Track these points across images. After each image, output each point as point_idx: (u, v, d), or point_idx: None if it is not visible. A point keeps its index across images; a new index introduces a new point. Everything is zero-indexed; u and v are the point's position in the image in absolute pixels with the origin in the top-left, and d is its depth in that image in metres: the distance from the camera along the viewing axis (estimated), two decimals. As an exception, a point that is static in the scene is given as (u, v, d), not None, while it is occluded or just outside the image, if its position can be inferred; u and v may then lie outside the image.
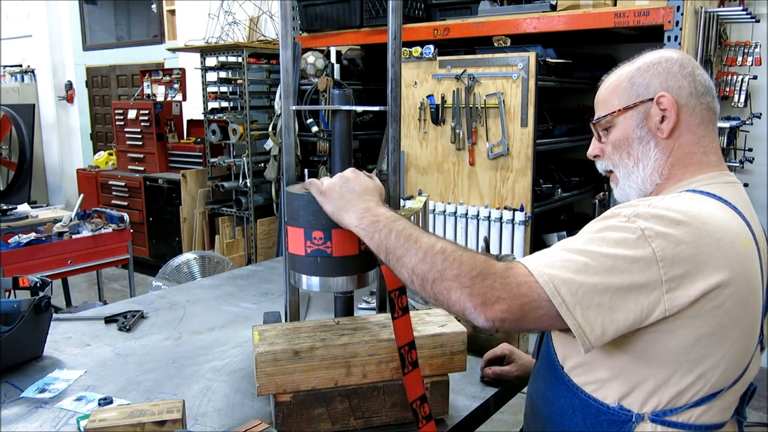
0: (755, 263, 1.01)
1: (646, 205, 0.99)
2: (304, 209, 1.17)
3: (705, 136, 1.13)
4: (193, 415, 1.21)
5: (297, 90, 4.14)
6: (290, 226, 1.21)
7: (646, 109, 1.13)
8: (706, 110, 1.13)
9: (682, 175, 1.12)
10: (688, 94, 1.11)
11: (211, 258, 3.39)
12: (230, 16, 5.45)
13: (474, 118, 3.33)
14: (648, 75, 1.14)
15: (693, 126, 1.12)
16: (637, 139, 1.14)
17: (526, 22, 3.27)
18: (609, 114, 1.17)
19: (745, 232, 1.01)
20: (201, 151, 5.51)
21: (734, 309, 0.96)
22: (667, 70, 1.13)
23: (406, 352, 1.13)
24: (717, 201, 1.04)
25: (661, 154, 1.13)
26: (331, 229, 1.16)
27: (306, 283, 1.23)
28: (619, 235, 0.95)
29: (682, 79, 1.12)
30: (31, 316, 1.42)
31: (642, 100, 1.13)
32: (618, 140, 1.17)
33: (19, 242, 3.38)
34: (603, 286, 0.92)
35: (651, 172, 1.14)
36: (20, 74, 8.11)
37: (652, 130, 1.13)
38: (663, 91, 1.11)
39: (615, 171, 1.20)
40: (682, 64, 1.13)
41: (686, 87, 1.11)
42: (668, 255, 0.93)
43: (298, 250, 1.20)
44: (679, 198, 1.03)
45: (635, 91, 1.14)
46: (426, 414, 1.14)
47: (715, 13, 3.07)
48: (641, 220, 0.96)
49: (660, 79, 1.12)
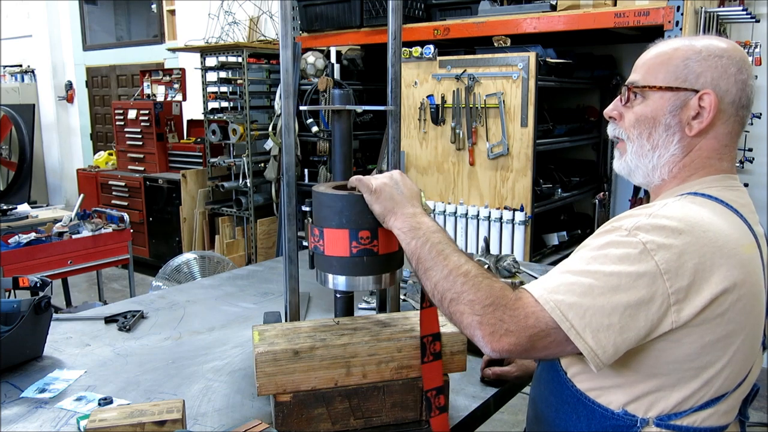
0: (758, 267, 1.00)
1: (647, 215, 0.96)
2: (349, 210, 1.17)
3: (727, 146, 1.09)
4: (193, 415, 1.21)
5: (297, 90, 4.14)
6: (329, 228, 1.19)
7: (686, 98, 1.07)
8: (738, 123, 1.09)
9: (689, 177, 1.09)
10: (731, 102, 1.06)
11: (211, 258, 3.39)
12: (230, 16, 5.45)
13: (474, 118, 3.33)
14: (705, 64, 1.06)
15: (721, 134, 1.08)
16: (664, 126, 1.09)
17: (526, 22, 3.27)
18: (648, 86, 1.10)
19: (747, 237, 1.00)
20: (201, 151, 5.51)
21: (739, 315, 0.95)
22: (725, 69, 1.06)
23: (429, 342, 1.15)
24: (718, 204, 1.02)
25: (680, 151, 1.08)
26: (378, 227, 1.17)
27: (349, 284, 1.22)
28: (621, 251, 0.93)
29: (734, 85, 1.06)
30: (31, 316, 1.42)
31: (687, 88, 1.06)
32: (644, 116, 1.10)
33: (19, 242, 3.38)
34: (611, 307, 0.91)
35: (664, 163, 1.09)
36: (20, 74, 8.11)
37: (682, 123, 1.07)
38: (711, 89, 1.05)
39: (627, 143, 1.14)
40: (741, 69, 1.07)
41: (733, 93, 1.06)
42: (672, 267, 0.91)
43: (340, 251, 1.19)
44: (679, 204, 1.00)
45: (685, 75, 1.07)
46: (440, 405, 1.14)
47: (715, 13, 3.07)
48: (642, 232, 0.94)
49: (714, 75, 1.06)
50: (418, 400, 1.19)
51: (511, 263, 1.94)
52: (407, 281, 1.90)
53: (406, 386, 1.18)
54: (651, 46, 1.15)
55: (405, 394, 1.18)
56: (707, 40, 1.09)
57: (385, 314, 1.31)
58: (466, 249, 3.42)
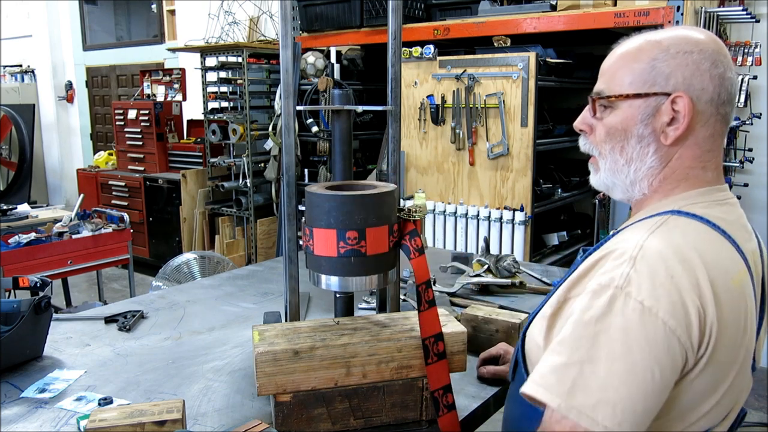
0: (748, 296, 0.92)
1: (631, 260, 0.86)
2: (337, 210, 1.16)
3: (710, 151, 0.97)
4: (193, 415, 1.21)
5: (297, 90, 4.14)
6: (318, 228, 1.19)
7: (658, 104, 0.95)
8: (720, 122, 0.96)
9: (671, 190, 0.98)
10: (709, 100, 0.94)
11: (211, 258, 3.39)
12: (230, 16, 5.45)
13: (474, 118, 3.33)
14: (674, 63, 0.94)
15: (702, 138, 0.96)
16: (637, 137, 0.97)
17: (526, 22, 3.27)
18: (614, 95, 0.99)
19: (736, 265, 0.91)
20: (201, 151, 5.51)
21: (728, 354, 0.89)
22: (697, 65, 0.94)
23: (431, 344, 1.14)
24: (703, 225, 0.92)
25: (657, 162, 0.98)
26: (365, 228, 1.16)
27: (338, 284, 1.22)
28: (622, 322, 0.83)
29: (709, 81, 0.94)
30: (31, 316, 1.42)
31: (657, 92, 0.95)
32: (614, 128, 1.00)
33: (19, 242, 3.38)
34: (639, 393, 0.82)
35: (642, 177, 0.99)
36: (20, 74, 8.11)
37: (656, 131, 0.96)
38: (683, 90, 0.93)
39: (599, 160, 1.04)
40: (715, 62, 0.94)
41: (710, 91, 0.94)
42: (680, 318, 0.83)
43: (328, 251, 1.19)
44: (663, 237, 0.89)
45: (653, 78, 0.95)
46: (448, 403, 1.14)
47: (715, 13, 3.08)
48: (635, 287, 0.84)
49: (686, 73, 0.94)
50: (418, 400, 1.19)
51: (511, 263, 1.94)
52: (407, 281, 1.90)
53: (406, 386, 1.18)
54: (614, 46, 1.04)
55: (405, 394, 1.18)
56: (675, 32, 0.98)
57: (385, 314, 1.31)
58: (466, 249, 3.43)
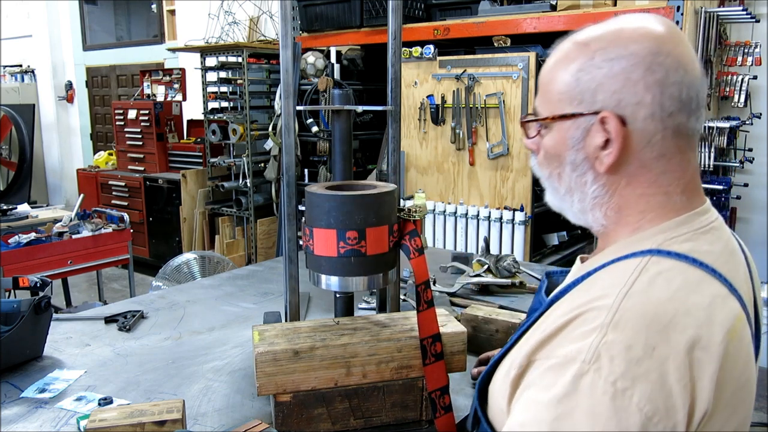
0: (747, 343, 0.78)
1: (603, 327, 0.70)
2: (337, 210, 1.16)
3: (667, 173, 0.81)
4: (193, 415, 1.21)
5: (297, 90, 4.14)
6: (318, 228, 1.19)
7: (587, 125, 0.80)
8: (673, 136, 0.79)
9: (638, 222, 0.82)
10: (649, 116, 0.78)
11: (211, 258, 3.39)
12: (230, 16, 5.46)
13: (474, 118, 3.33)
14: (600, 74, 0.79)
15: (649, 161, 0.80)
16: (570, 164, 0.84)
17: (526, 22, 3.27)
18: (540, 118, 0.86)
19: (731, 310, 0.76)
20: (201, 151, 5.51)
21: (730, 411, 0.76)
22: (627, 74, 0.78)
23: (429, 344, 1.13)
24: (687, 266, 0.76)
25: (601, 191, 0.83)
26: (365, 228, 1.16)
27: (338, 284, 1.22)
28: (589, 406, 0.68)
29: (645, 92, 0.77)
30: (31, 316, 1.42)
31: (583, 112, 0.80)
32: (549, 153, 0.86)
33: (19, 242, 3.38)
34: None
35: (591, 207, 0.84)
36: (20, 74, 8.11)
37: (590, 157, 0.82)
38: (611, 109, 0.78)
39: (544, 183, 0.91)
40: (651, 66, 0.77)
41: (647, 104, 0.77)
42: (660, 401, 0.68)
43: (328, 251, 1.19)
44: (643, 292, 0.73)
45: (579, 94, 0.80)
46: (445, 404, 1.14)
47: (715, 13, 3.08)
48: (606, 363, 0.68)
49: (614, 86, 0.78)
50: (418, 400, 1.19)
51: (511, 263, 1.94)
52: (407, 281, 1.90)
53: (406, 386, 1.18)
54: (551, 50, 0.88)
55: (405, 394, 1.18)
56: (606, 30, 0.83)
57: (385, 314, 1.31)
58: (466, 249, 3.43)
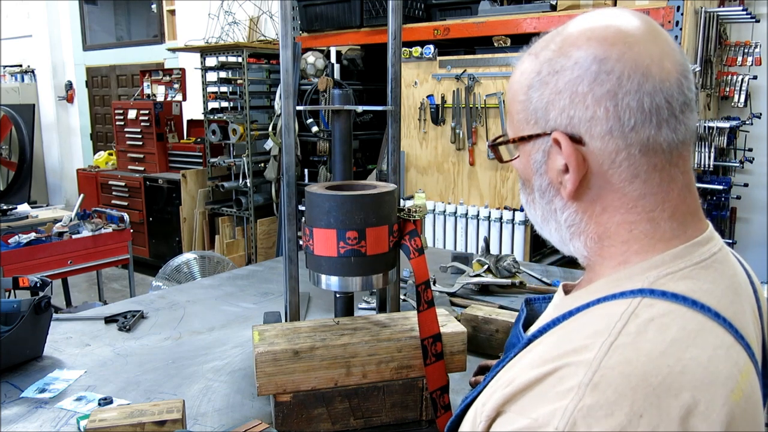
0: (756, 401, 0.65)
1: (580, 389, 0.57)
2: (337, 210, 1.16)
3: (646, 196, 0.67)
4: (193, 415, 1.21)
5: (297, 90, 4.14)
6: (318, 228, 1.19)
7: (545, 147, 0.70)
8: (642, 153, 0.66)
9: (625, 255, 0.69)
10: (606, 132, 0.65)
11: (211, 258, 3.39)
12: (230, 16, 5.46)
13: (474, 118, 3.33)
14: (547, 91, 0.68)
15: (619, 183, 0.67)
16: (538, 191, 0.74)
17: (526, 22, 3.27)
18: (501, 141, 0.76)
19: (735, 364, 0.62)
20: (201, 151, 5.51)
21: None
22: (572, 89, 0.66)
23: (429, 344, 1.14)
24: (688, 310, 0.63)
25: (575, 218, 0.71)
26: (365, 228, 1.16)
27: (338, 284, 1.22)
28: None
29: (596, 105, 0.65)
30: (31, 316, 1.42)
31: (538, 133, 0.70)
32: (521, 177, 0.78)
33: (19, 242, 3.38)
34: None
35: (569, 237, 0.73)
36: (20, 74, 8.12)
37: (554, 182, 0.71)
38: (563, 129, 0.68)
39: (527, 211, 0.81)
40: (598, 76, 0.65)
41: (601, 119, 0.65)
42: None
43: (328, 251, 1.19)
44: (630, 346, 0.59)
45: (533, 114, 0.70)
46: (445, 404, 1.14)
47: (715, 13, 3.08)
48: (584, 429, 0.55)
49: (562, 102, 0.67)
50: (418, 400, 1.19)
51: (511, 263, 1.94)
52: (407, 281, 1.90)
53: (406, 386, 1.18)
54: None
55: (405, 394, 1.18)
56: (551, 38, 0.71)
57: (385, 314, 1.31)
58: (466, 249, 3.43)
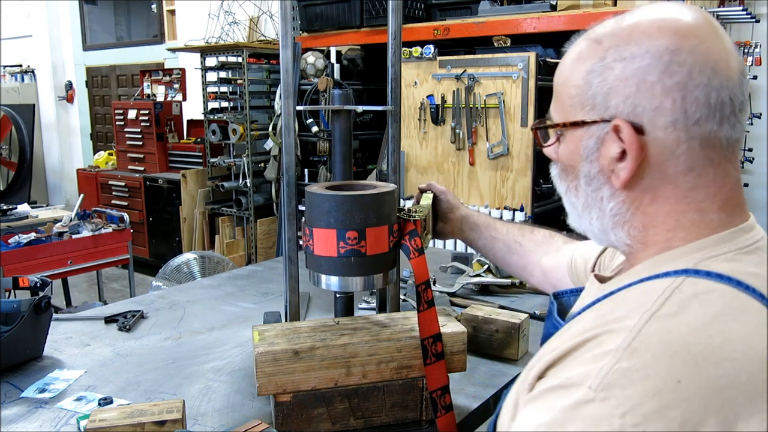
0: None
1: (619, 352, 0.57)
2: (337, 210, 1.16)
3: (698, 188, 0.68)
4: (193, 415, 1.21)
5: (297, 90, 4.14)
6: (318, 228, 1.18)
7: (600, 134, 0.70)
8: (701, 147, 0.66)
9: (668, 241, 0.70)
10: (670, 123, 0.66)
11: (211, 258, 3.39)
12: (230, 16, 5.46)
13: (474, 118, 3.33)
14: (611, 76, 0.68)
15: (674, 174, 0.68)
16: (585, 177, 0.74)
17: (526, 22, 3.27)
18: (550, 124, 0.77)
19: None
20: (201, 151, 5.51)
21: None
22: (642, 76, 0.66)
23: (430, 344, 1.13)
24: (728, 288, 0.63)
25: (621, 208, 0.72)
26: (365, 228, 1.16)
27: (338, 284, 1.22)
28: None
29: (664, 96, 0.65)
30: (31, 316, 1.42)
31: (596, 119, 0.70)
32: (564, 163, 0.77)
33: (19, 242, 3.38)
34: None
35: (612, 226, 0.74)
36: (20, 74, 8.12)
37: (605, 170, 0.71)
38: (625, 116, 0.67)
39: (563, 199, 0.81)
40: (669, 66, 0.65)
41: (667, 111, 0.65)
42: None
43: (328, 251, 1.18)
44: (672, 316, 0.60)
45: (591, 99, 0.70)
46: (446, 404, 1.14)
47: (715, 13, 3.07)
48: (617, 394, 0.55)
49: (628, 89, 0.67)
50: (418, 400, 1.19)
51: (511, 263, 1.94)
52: (407, 281, 1.90)
53: (406, 386, 1.18)
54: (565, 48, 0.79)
55: (405, 394, 1.18)
56: (621, 24, 0.72)
57: (385, 314, 1.31)
58: (466, 249, 3.42)
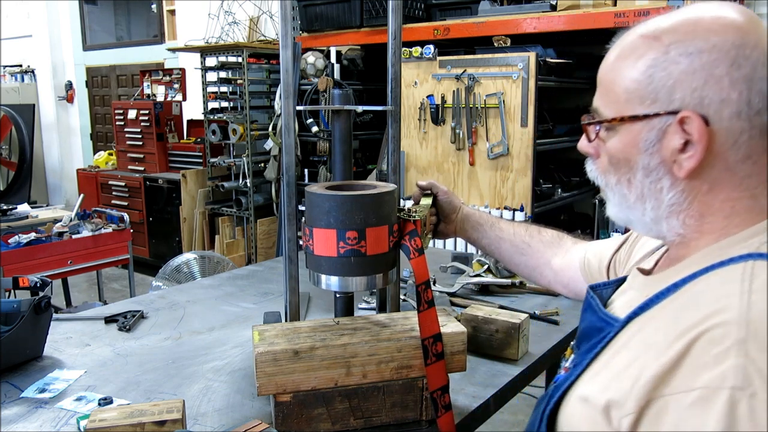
0: None
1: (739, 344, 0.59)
2: (337, 210, 1.16)
3: (752, 176, 0.72)
4: (193, 415, 1.21)
5: (297, 90, 4.14)
6: (318, 228, 1.18)
7: (662, 126, 0.72)
8: (760, 136, 0.70)
9: (724, 228, 0.74)
10: (735, 114, 0.69)
11: (211, 258, 3.39)
12: (230, 16, 5.46)
13: (474, 118, 3.33)
14: (677, 70, 0.70)
15: (734, 163, 0.71)
16: (643, 170, 0.76)
17: (526, 22, 3.27)
18: (605, 119, 0.78)
19: None
20: (201, 151, 5.51)
21: None
22: (710, 70, 0.69)
23: (430, 344, 1.14)
24: None
25: (679, 197, 0.75)
26: (365, 228, 1.16)
27: (338, 284, 1.22)
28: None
29: (731, 88, 0.68)
30: (31, 316, 1.42)
31: (659, 112, 0.72)
32: (616, 157, 0.79)
33: (19, 242, 3.38)
34: None
35: (666, 215, 0.76)
36: (20, 74, 8.11)
37: (667, 161, 0.73)
38: (692, 107, 0.70)
39: (607, 192, 0.84)
40: (736, 60, 0.68)
41: (734, 101, 0.69)
42: None
43: (328, 251, 1.18)
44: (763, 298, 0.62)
45: (653, 92, 0.72)
46: (446, 403, 1.14)
47: (715, 13, 3.08)
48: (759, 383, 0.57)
49: (695, 83, 0.69)
50: (418, 400, 1.19)
51: (511, 263, 1.94)
52: (407, 281, 1.90)
53: (406, 386, 1.18)
54: (611, 44, 0.82)
55: (405, 394, 1.18)
56: (681, 18, 0.73)
57: (385, 314, 1.31)
58: (466, 249, 3.42)
